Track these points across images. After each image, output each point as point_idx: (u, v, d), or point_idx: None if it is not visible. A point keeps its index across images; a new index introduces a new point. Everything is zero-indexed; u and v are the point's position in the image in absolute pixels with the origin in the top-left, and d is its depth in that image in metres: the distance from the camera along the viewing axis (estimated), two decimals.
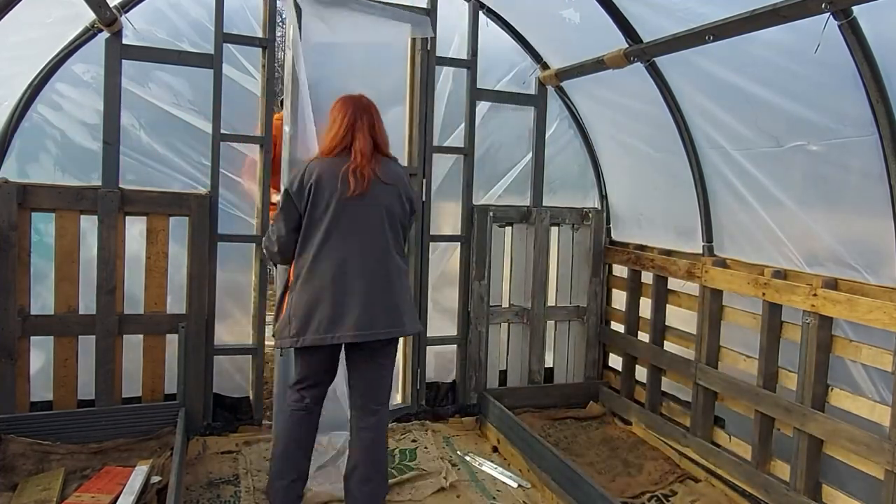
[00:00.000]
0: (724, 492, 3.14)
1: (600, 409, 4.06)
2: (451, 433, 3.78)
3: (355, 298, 2.48)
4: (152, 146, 3.52)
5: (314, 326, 2.46)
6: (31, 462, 2.89)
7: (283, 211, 2.56)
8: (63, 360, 3.21)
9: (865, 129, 2.43)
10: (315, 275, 2.49)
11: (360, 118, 2.59)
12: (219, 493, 2.98)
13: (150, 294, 3.34)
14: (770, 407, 2.89)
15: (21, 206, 3.06)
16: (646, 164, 3.87)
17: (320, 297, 2.47)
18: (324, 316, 2.46)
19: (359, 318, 2.47)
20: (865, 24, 2.20)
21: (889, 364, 2.38)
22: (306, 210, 2.51)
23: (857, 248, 2.67)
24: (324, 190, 2.49)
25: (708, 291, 3.26)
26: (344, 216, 2.50)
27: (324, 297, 2.47)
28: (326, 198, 2.49)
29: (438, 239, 3.91)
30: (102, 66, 3.19)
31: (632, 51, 3.02)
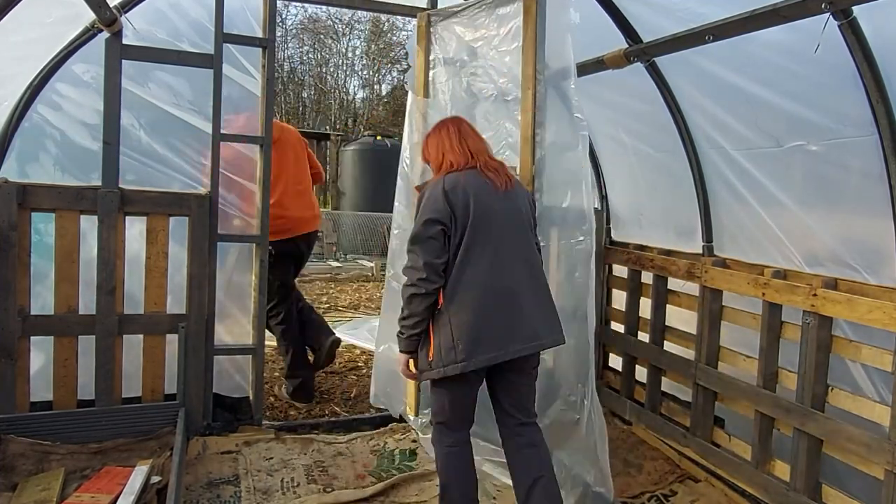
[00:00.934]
0: (724, 492, 3.14)
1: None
2: None
3: (515, 309, 2.36)
4: (152, 146, 3.52)
5: (486, 345, 2.30)
6: (31, 462, 2.89)
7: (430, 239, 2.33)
8: (63, 360, 3.21)
9: (865, 129, 2.43)
10: (474, 291, 2.33)
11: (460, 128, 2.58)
12: (219, 493, 2.98)
13: (150, 294, 3.34)
14: (770, 407, 2.89)
15: (21, 206, 3.06)
16: (646, 164, 3.87)
17: (489, 312, 2.32)
18: (493, 332, 2.32)
19: (525, 329, 2.37)
20: (865, 24, 2.21)
21: (889, 364, 2.38)
22: (453, 229, 2.35)
23: (857, 248, 2.68)
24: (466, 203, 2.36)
25: (708, 291, 3.26)
26: (489, 224, 2.37)
27: (492, 312, 2.33)
28: (470, 210, 2.36)
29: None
30: (102, 66, 3.19)
31: (632, 51, 3.02)
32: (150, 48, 3.31)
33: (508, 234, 2.42)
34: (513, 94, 3.21)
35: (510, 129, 3.23)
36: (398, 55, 20.51)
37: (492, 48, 3.33)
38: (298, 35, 21.79)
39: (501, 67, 3.28)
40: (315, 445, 3.48)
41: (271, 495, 2.98)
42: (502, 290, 2.37)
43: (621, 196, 4.19)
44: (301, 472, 3.20)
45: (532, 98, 3.05)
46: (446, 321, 2.33)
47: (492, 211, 2.39)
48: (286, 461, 3.31)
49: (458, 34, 3.51)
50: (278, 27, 6.32)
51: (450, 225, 2.34)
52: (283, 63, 20.91)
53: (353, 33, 21.99)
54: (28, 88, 3.24)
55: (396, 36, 21.14)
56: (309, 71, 22.31)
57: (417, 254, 2.34)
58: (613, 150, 4.12)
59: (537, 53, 3.03)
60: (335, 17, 21.33)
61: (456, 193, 2.36)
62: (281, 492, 3.02)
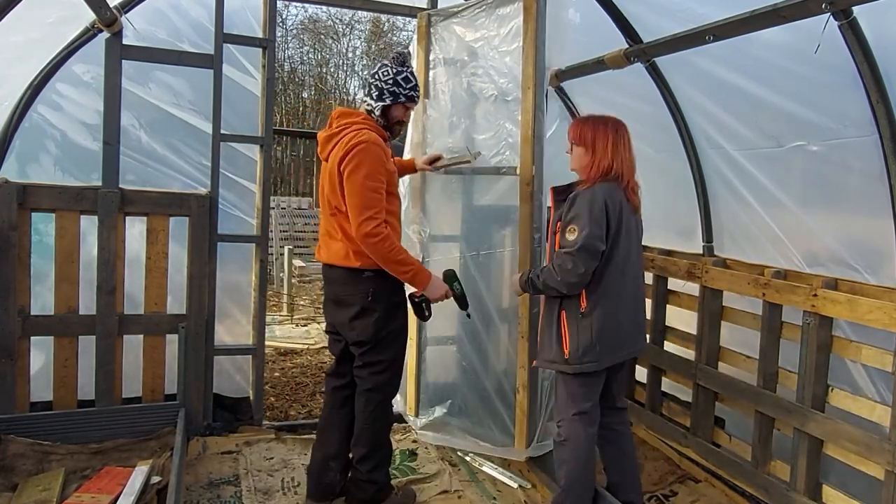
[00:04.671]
0: (724, 492, 3.14)
1: None
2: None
3: (634, 316, 2.64)
4: (152, 146, 3.53)
5: (615, 347, 2.57)
6: (31, 462, 2.89)
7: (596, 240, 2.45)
8: (63, 360, 3.21)
9: (865, 129, 2.43)
10: (616, 302, 2.55)
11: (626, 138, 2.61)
12: (219, 493, 2.98)
13: (150, 294, 3.34)
14: (770, 407, 2.89)
15: (21, 206, 3.06)
16: (646, 165, 3.84)
17: (621, 320, 2.57)
18: (623, 337, 2.59)
19: (637, 334, 2.67)
20: (865, 25, 2.21)
21: (889, 364, 2.38)
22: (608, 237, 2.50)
23: (857, 249, 2.68)
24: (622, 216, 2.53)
25: (708, 291, 3.26)
26: (630, 239, 2.59)
27: (623, 320, 2.57)
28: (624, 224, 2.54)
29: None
30: (102, 67, 3.19)
31: (632, 51, 3.02)
32: (150, 48, 3.31)
33: (636, 252, 2.66)
34: (513, 95, 3.22)
35: (510, 130, 3.24)
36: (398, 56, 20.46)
37: (492, 48, 3.33)
38: (298, 35, 21.79)
39: (502, 67, 3.28)
40: None
41: (272, 495, 2.98)
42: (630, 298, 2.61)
43: None
44: (302, 472, 3.19)
45: (532, 98, 3.05)
46: (587, 323, 2.53)
47: (629, 230, 2.59)
48: (287, 461, 3.31)
49: (458, 34, 3.51)
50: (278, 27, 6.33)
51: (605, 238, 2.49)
52: (283, 63, 20.91)
53: (354, 33, 21.99)
54: (28, 88, 3.24)
55: (396, 36, 21.13)
56: (309, 71, 22.30)
57: (578, 262, 2.45)
58: None
59: (537, 53, 3.03)
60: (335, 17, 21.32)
61: (614, 208, 2.51)
62: (282, 492, 3.02)
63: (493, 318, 3.38)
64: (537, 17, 3.02)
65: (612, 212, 2.48)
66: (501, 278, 3.35)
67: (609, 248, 2.50)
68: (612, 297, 2.53)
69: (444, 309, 3.60)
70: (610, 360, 2.58)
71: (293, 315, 7.29)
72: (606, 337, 2.53)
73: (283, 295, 7.68)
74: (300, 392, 4.60)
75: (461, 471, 3.31)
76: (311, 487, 2.86)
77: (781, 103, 2.77)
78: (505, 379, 3.33)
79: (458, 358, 3.59)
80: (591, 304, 2.52)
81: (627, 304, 2.59)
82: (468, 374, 3.52)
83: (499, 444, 3.29)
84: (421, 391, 3.67)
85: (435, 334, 3.70)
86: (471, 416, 3.47)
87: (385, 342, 2.72)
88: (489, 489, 3.14)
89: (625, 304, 2.57)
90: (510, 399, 3.27)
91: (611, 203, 2.49)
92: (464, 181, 3.53)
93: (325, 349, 5.83)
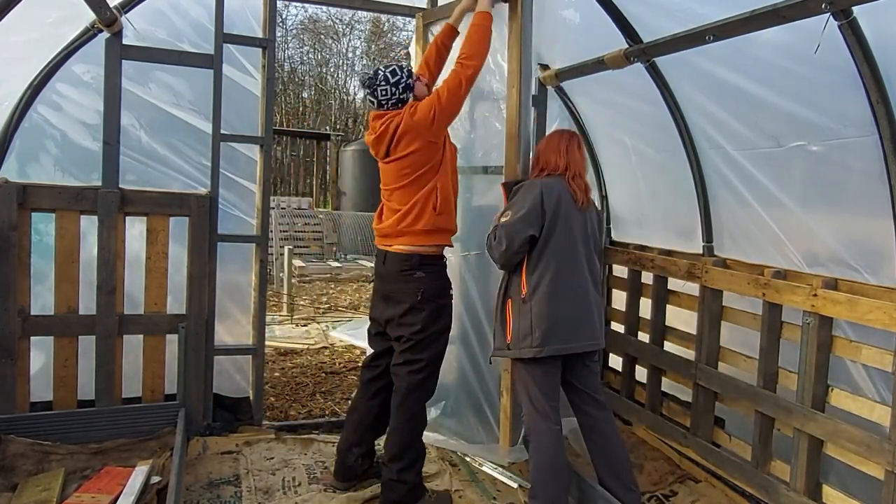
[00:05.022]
0: (724, 492, 3.14)
1: None
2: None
3: (582, 309, 2.70)
4: (152, 146, 3.53)
5: (559, 336, 2.64)
6: (31, 462, 2.89)
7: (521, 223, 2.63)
8: (63, 360, 3.21)
9: (865, 129, 2.43)
10: (557, 288, 2.64)
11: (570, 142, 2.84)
12: (219, 493, 2.98)
13: (150, 294, 3.34)
14: (770, 407, 2.89)
15: (21, 206, 3.06)
16: (646, 165, 3.87)
17: (562, 308, 2.64)
18: (566, 327, 2.65)
19: (587, 328, 2.71)
20: (865, 25, 2.20)
21: (889, 364, 2.38)
22: (544, 226, 2.65)
23: (857, 249, 2.67)
24: (560, 207, 2.67)
25: (708, 291, 3.26)
26: (573, 232, 2.70)
27: (565, 309, 2.65)
28: (563, 215, 2.67)
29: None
30: (102, 67, 3.19)
31: (632, 51, 3.02)
32: (150, 48, 3.31)
33: (583, 250, 2.75)
34: (502, 93, 3.21)
35: (499, 129, 3.23)
36: (398, 55, 20.51)
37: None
38: (298, 35, 21.82)
39: (495, 67, 3.28)
40: (316, 445, 3.48)
41: (272, 495, 2.98)
42: (577, 291, 2.70)
43: (621, 196, 4.19)
44: (302, 471, 3.20)
45: (517, 96, 3.05)
46: (527, 310, 2.64)
47: (571, 225, 2.70)
48: (287, 461, 3.31)
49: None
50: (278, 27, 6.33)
51: (538, 225, 2.64)
52: (283, 63, 20.93)
53: (353, 33, 22.03)
54: (28, 88, 3.24)
55: (396, 36, 21.18)
56: (309, 71, 22.33)
57: (501, 238, 2.65)
58: (613, 151, 4.12)
59: (522, 51, 3.02)
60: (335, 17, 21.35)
61: (549, 198, 2.66)
62: (282, 492, 3.02)
63: (487, 320, 3.38)
64: (521, 14, 3.01)
65: (548, 201, 2.64)
66: (497, 279, 3.35)
67: (546, 237, 2.63)
68: (551, 286, 2.63)
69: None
70: (554, 350, 2.63)
71: (293, 315, 7.29)
72: (546, 324, 2.61)
73: (283, 295, 7.69)
74: (300, 392, 4.60)
75: (461, 470, 3.31)
76: (337, 467, 3.08)
77: (781, 103, 2.76)
78: (493, 382, 3.33)
79: (453, 359, 3.59)
80: (530, 289, 2.65)
81: (571, 297, 2.67)
82: (461, 375, 3.52)
83: (485, 445, 3.29)
84: None
85: None
86: (461, 418, 3.48)
87: (426, 342, 2.83)
88: (489, 489, 3.14)
89: (567, 297, 2.66)
90: (497, 402, 3.27)
91: (546, 192, 2.65)
92: (463, 181, 3.53)
93: (325, 349, 5.83)
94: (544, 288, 2.63)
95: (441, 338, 2.89)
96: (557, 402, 2.76)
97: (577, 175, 2.77)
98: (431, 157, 2.81)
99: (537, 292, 2.64)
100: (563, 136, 2.88)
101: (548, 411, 2.71)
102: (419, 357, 2.82)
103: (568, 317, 2.66)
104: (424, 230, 2.81)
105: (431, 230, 2.82)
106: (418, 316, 2.79)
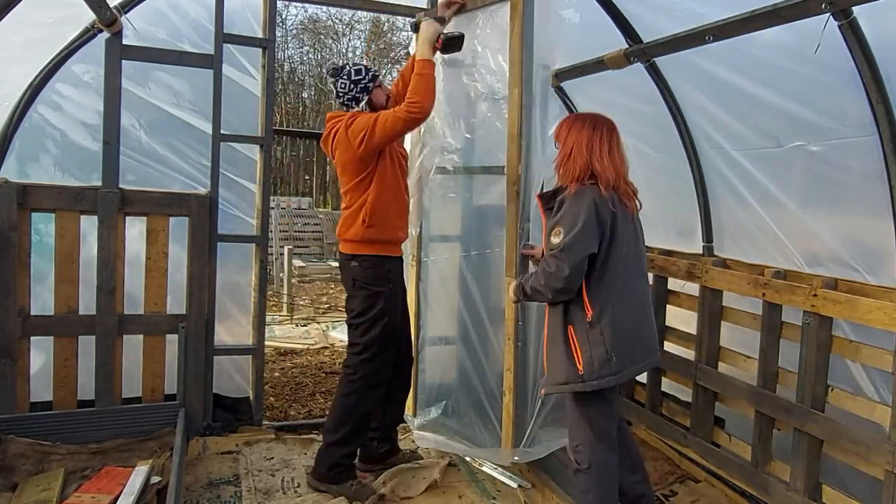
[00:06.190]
0: (724, 492, 3.14)
1: None
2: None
3: (645, 322, 2.49)
4: (152, 146, 3.53)
5: (634, 357, 2.40)
6: (31, 462, 2.89)
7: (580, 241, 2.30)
8: (63, 360, 3.21)
9: (865, 129, 2.43)
10: (624, 305, 2.37)
11: (612, 138, 2.45)
12: (219, 493, 2.98)
13: (150, 294, 3.34)
14: (770, 407, 2.89)
15: (21, 206, 3.06)
16: (646, 165, 3.87)
17: (632, 325, 2.40)
18: (638, 345, 2.43)
19: (651, 342, 2.51)
20: (865, 25, 2.21)
21: (889, 364, 2.38)
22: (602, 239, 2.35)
23: (857, 249, 2.67)
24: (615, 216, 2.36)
25: (708, 292, 3.26)
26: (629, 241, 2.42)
27: (633, 325, 2.41)
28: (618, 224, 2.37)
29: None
30: (102, 67, 3.19)
31: (632, 51, 3.02)
32: (150, 48, 3.31)
33: (636, 258, 2.48)
34: (503, 94, 3.21)
35: (501, 129, 3.23)
36: (398, 55, 20.51)
37: (486, 47, 3.33)
38: (298, 35, 21.81)
39: (493, 66, 3.28)
40: (316, 446, 3.47)
41: (272, 495, 2.98)
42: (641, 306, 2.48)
43: None
44: (302, 472, 3.20)
45: (519, 96, 3.03)
46: (596, 335, 2.34)
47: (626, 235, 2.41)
48: (287, 461, 3.31)
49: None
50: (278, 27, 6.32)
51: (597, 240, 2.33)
52: (283, 63, 20.93)
53: (353, 33, 22.02)
54: (28, 88, 3.24)
55: (396, 36, 21.16)
56: (309, 71, 22.32)
57: (562, 264, 2.31)
58: None
59: (524, 51, 3.02)
60: (335, 17, 21.35)
61: (605, 210, 2.34)
62: (282, 492, 3.02)
63: (488, 319, 3.38)
64: (523, 14, 3.01)
65: (604, 213, 2.33)
66: (498, 279, 3.34)
67: (606, 252, 2.34)
68: (619, 301, 2.36)
69: (443, 308, 3.63)
70: (630, 373, 2.41)
71: (293, 315, 7.29)
72: (622, 345, 2.34)
73: (283, 295, 7.69)
74: (300, 392, 4.60)
75: (461, 470, 3.31)
76: (361, 450, 3.19)
77: (781, 103, 2.76)
78: (496, 381, 3.33)
79: (454, 359, 3.59)
80: (597, 312, 2.33)
81: (637, 309, 2.44)
82: (463, 375, 3.52)
83: (487, 446, 3.29)
84: (419, 391, 3.67)
85: (433, 334, 3.70)
86: (463, 418, 3.48)
87: (364, 326, 3.00)
88: (489, 489, 3.14)
89: (634, 309, 2.41)
90: (500, 402, 3.27)
91: (601, 205, 2.33)
92: (462, 181, 3.53)
93: (325, 349, 5.83)
94: (613, 306, 2.34)
95: (377, 324, 2.99)
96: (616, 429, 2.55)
97: (625, 183, 2.45)
98: (359, 172, 2.95)
99: (605, 313, 2.33)
100: (603, 135, 2.43)
101: (614, 441, 2.48)
102: (358, 340, 3.02)
103: (636, 333, 2.42)
104: (354, 240, 3.00)
105: (362, 241, 2.98)
106: (353, 302, 3.03)
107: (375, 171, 2.95)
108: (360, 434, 3.06)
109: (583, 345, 2.35)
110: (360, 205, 2.96)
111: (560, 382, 2.42)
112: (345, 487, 2.95)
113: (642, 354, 2.45)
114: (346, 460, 3.00)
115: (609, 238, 2.34)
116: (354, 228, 2.97)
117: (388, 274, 3.04)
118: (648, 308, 2.54)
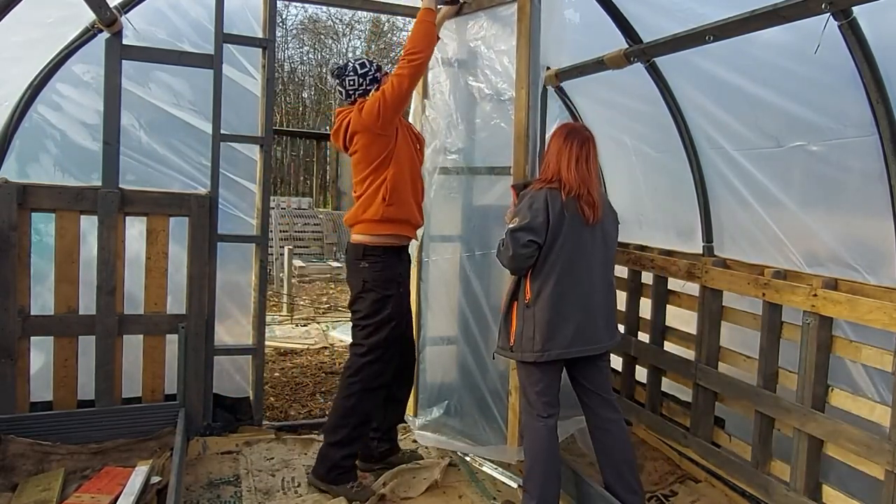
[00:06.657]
0: (724, 492, 3.14)
1: None
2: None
3: (585, 316, 2.70)
4: (152, 146, 3.53)
5: (559, 342, 2.65)
6: (31, 462, 2.89)
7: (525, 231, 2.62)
8: (63, 360, 3.21)
9: (865, 129, 2.43)
10: (559, 296, 2.65)
11: (581, 151, 2.71)
12: (219, 493, 2.98)
13: (150, 294, 3.34)
14: (770, 407, 2.89)
15: (21, 206, 3.06)
16: (646, 165, 3.87)
17: (564, 315, 2.65)
18: (568, 333, 2.66)
19: (590, 334, 2.71)
20: (865, 25, 2.21)
21: (889, 364, 2.38)
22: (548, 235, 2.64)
23: (857, 249, 2.67)
24: (564, 217, 2.64)
25: (708, 292, 3.26)
26: (581, 241, 2.68)
27: (567, 316, 2.66)
28: (568, 224, 2.64)
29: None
30: (102, 67, 3.19)
31: (632, 51, 3.02)
32: (150, 48, 3.31)
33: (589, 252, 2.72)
34: (508, 94, 3.22)
35: (506, 130, 3.23)
36: (398, 55, 20.48)
37: (490, 48, 3.33)
38: (298, 35, 21.80)
39: (498, 68, 3.29)
40: (316, 446, 3.47)
41: (272, 495, 2.98)
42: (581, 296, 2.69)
43: (621, 196, 4.19)
44: (302, 472, 3.20)
45: (525, 97, 3.05)
46: (530, 315, 2.67)
47: (578, 242, 2.67)
48: (287, 461, 3.31)
49: (458, 35, 3.51)
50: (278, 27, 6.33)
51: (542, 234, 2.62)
52: (283, 63, 20.92)
53: (353, 33, 22.00)
54: (28, 88, 3.24)
55: (396, 36, 21.15)
56: (309, 71, 22.31)
57: (508, 244, 2.65)
58: (613, 151, 4.12)
59: (531, 53, 3.03)
60: (335, 17, 21.33)
61: (554, 211, 2.63)
62: (282, 492, 3.02)
63: (491, 318, 3.38)
64: (531, 16, 3.02)
65: (554, 214, 2.62)
66: (500, 279, 3.35)
67: (549, 247, 2.63)
68: (553, 293, 2.64)
69: (444, 308, 3.63)
70: (554, 355, 2.66)
71: (293, 315, 7.29)
72: (546, 330, 2.64)
73: (283, 295, 7.69)
74: (300, 392, 4.60)
75: (461, 470, 3.31)
76: (362, 449, 3.17)
77: (781, 103, 2.76)
78: (499, 381, 3.33)
79: (455, 359, 3.59)
80: (533, 296, 2.68)
81: (574, 304, 2.67)
82: (465, 375, 3.52)
83: (492, 445, 3.29)
84: (420, 391, 3.67)
85: (434, 334, 3.71)
86: (465, 417, 3.48)
87: (370, 328, 2.99)
88: (489, 489, 3.14)
89: (570, 304, 2.66)
90: (505, 401, 3.27)
91: (553, 206, 2.62)
92: (464, 181, 3.53)
93: (325, 349, 5.83)
94: (546, 295, 2.65)
95: (384, 327, 2.99)
96: (554, 400, 2.77)
97: (588, 193, 2.68)
98: (382, 151, 2.95)
99: (540, 299, 2.66)
100: (573, 146, 2.70)
101: (541, 409, 2.74)
102: (362, 342, 3.02)
103: (570, 323, 2.66)
104: (373, 220, 2.96)
105: (381, 220, 2.95)
106: (362, 304, 3.00)
107: (393, 152, 2.97)
108: (361, 435, 3.05)
109: (518, 320, 2.72)
110: (380, 184, 2.95)
111: (499, 347, 2.84)
112: (345, 489, 2.95)
113: (572, 342, 2.67)
114: (346, 461, 3.00)
115: (553, 236, 2.64)
116: (374, 207, 2.95)
117: (398, 277, 3.06)
118: (598, 307, 2.74)
